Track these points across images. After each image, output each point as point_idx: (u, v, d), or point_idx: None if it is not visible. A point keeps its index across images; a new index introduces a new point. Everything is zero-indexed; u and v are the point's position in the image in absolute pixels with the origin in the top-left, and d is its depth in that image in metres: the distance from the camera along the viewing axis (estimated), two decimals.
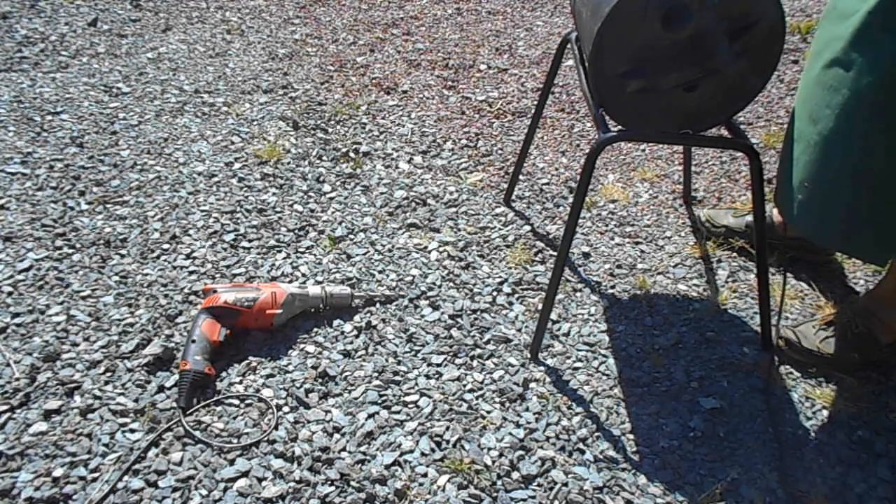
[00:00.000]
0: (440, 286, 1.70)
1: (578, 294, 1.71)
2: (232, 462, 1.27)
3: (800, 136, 1.30)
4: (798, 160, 1.30)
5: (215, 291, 1.52)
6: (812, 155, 1.26)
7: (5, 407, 1.34)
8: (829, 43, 1.23)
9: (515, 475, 1.28)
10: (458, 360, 1.51)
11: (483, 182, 2.10)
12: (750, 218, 1.83)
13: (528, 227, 1.92)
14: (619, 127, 1.34)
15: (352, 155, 2.19)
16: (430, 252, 1.81)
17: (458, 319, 1.61)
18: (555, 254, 1.82)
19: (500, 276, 1.74)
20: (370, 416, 1.37)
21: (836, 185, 1.25)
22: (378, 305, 1.63)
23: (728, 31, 1.20)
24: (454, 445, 1.32)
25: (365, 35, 3.02)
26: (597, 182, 2.12)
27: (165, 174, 2.05)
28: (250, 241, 1.82)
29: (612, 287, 1.73)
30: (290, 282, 1.68)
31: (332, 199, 2.00)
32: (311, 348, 1.51)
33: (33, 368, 1.42)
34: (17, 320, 1.53)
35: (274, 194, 2.00)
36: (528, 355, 1.52)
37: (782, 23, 1.20)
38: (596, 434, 1.36)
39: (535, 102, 1.96)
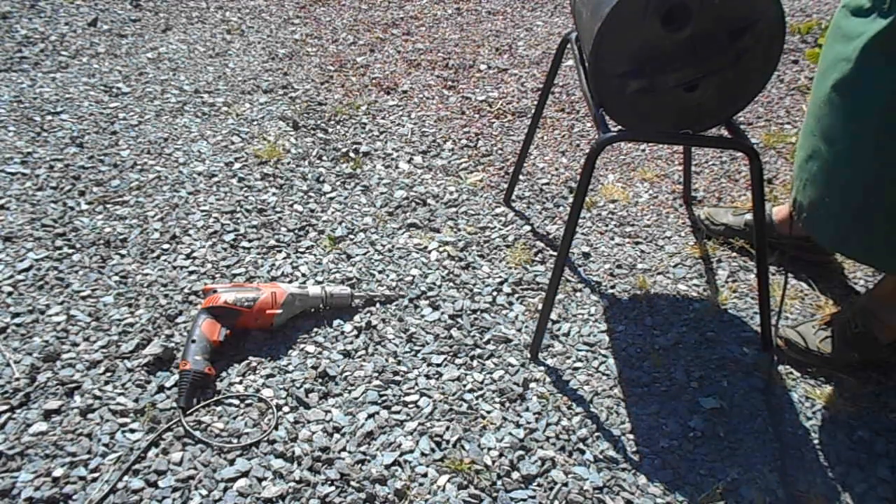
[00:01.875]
0: (440, 286, 1.70)
1: (578, 294, 1.71)
2: (232, 462, 1.27)
3: (816, 153, 1.33)
4: (816, 177, 1.33)
5: (215, 291, 1.52)
6: (829, 174, 1.30)
7: (5, 407, 1.34)
8: (836, 64, 1.26)
9: (515, 475, 1.28)
10: (458, 360, 1.51)
11: (483, 182, 2.10)
12: (749, 216, 1.84)
13: (528, 227, 1.92)
14: (619, 127, 1.34)
15: (352, 155, 2.19)
16: (430, 252, 1.81)
17: (458, 319, 1.61)
18: (555, 254, 1.82)
19: (500, 276, 1.74)
20: (370, 416, 1.37)
21: (856, 200, 1.28)
22: (378, 305, 1.63)
23: (728, 30, 1.21)
24: (454, 445, 1.32)
25: (365, 35, 3.02)
26: (597, 182, 2.12)
27: (165, 174, 2.05)
28: (250, 241, 1.82)
29: (612, 287, 1.73)
30: (290, 282, 1.68)
31: (332, 199, 2.00)
32: (311, 348, 1.51)
33: (33, 368, 1.42)
34: (17, 320, 1.53)
35: (274, 194, 2.00)
36: (528, 355, 1.52)
37: (782, 23, 1.20)
38: (596, 434, 1.36)
39: (535, 102, 1.96)
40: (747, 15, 1.19)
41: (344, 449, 1.30)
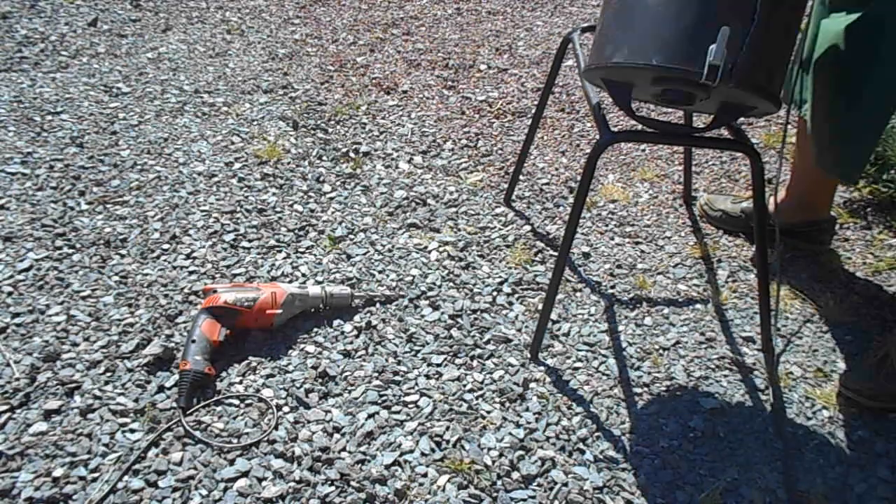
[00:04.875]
0: (440, 286, 1.70)
1: (578, 294, 1.71)
2: (232, 462, 1.27)
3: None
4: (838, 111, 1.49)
5: (215, 291, 1.52)
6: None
7: (5, 407, 1.34)
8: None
9: (515, 475, 1.28)
10: (458, 360, 1.51)
11: (483, 182, 2.10)
12: (746, 204, 1.88)
13: (528, 227, 1.92)
14: (620, 128, 1.34)
15: (352, 155, 2.19)
16: (430, 252, 1.81)
17: (458, 319, 1.61)
18: (555, 254, 1.82)
19: (500, 276, 1.74)
20: (370, 416, 1.37)
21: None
22: (378, 305, 1.63)
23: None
24: (454, 445, 1.32)
25: (365, 35, 3.02)
26: (597, 182, 2.12)
27: (165, 174, 2.05)
28: (250, 241, 1.82)
29: (612, 287, 1.73)
30: (290, 282, 1.68)
31: (332, 199, 2.00)
32: (311, 348, 1.51)
33: (33, 368, 1.42)
34: (17, 320, 1.53)
35: (274, 194, 2.00)
36: (528, 355, 1.52)
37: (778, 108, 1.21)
38: (596, 434, 1.36)
39: (535, 102, 1.96)
40: (744, 106, 1.21)
41: (344, 449, 1.30)
